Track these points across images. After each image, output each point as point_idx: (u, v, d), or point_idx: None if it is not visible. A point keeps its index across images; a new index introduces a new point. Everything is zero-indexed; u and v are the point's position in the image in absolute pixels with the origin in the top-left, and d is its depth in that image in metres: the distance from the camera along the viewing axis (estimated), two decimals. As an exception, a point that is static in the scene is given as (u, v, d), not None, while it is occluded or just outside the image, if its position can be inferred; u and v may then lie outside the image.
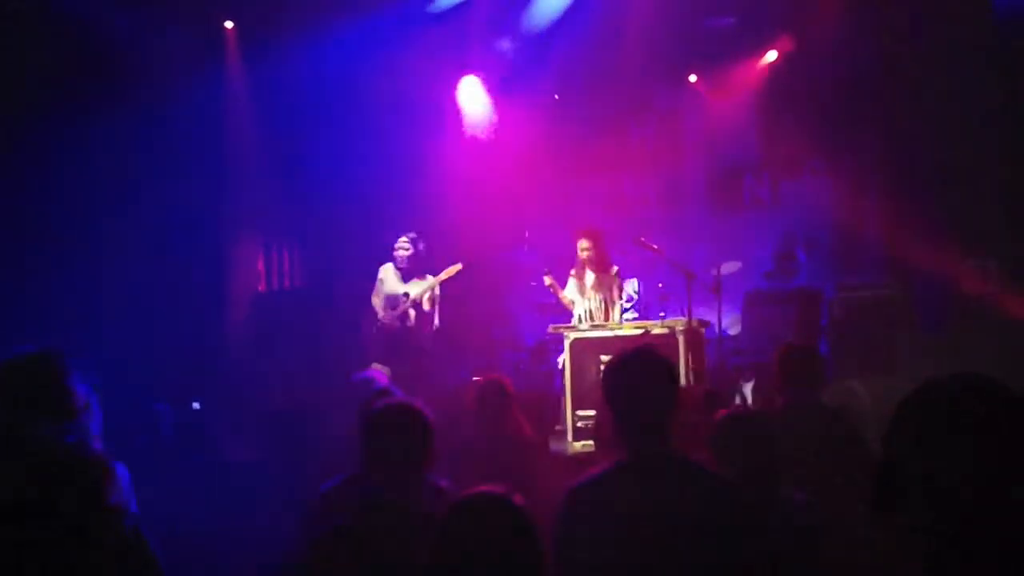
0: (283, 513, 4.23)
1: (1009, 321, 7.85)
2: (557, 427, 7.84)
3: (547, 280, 8.34)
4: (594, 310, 8.15)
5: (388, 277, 8.58)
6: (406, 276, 8.51)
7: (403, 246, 8.51)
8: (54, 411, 2.51)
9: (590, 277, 8.22)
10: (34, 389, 2.56)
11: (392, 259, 8.59)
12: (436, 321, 8.59)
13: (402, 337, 8.43)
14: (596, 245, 8.21)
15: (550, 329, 8.14)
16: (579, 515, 2.76)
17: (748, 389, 8.51)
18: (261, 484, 4.95)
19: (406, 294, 8.39)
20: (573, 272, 8.38)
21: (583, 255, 8.23)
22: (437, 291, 8.52)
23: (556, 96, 10.92)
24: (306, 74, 9.20)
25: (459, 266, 8.43)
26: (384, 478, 3.07)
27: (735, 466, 3.27)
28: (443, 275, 8.41)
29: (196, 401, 6.30)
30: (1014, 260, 8.48)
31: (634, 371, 2.86)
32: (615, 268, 8.25)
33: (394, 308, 8.42)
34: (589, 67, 10.44)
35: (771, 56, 10.49)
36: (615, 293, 8.19)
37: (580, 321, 8.15)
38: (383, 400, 3.48)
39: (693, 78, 10.89)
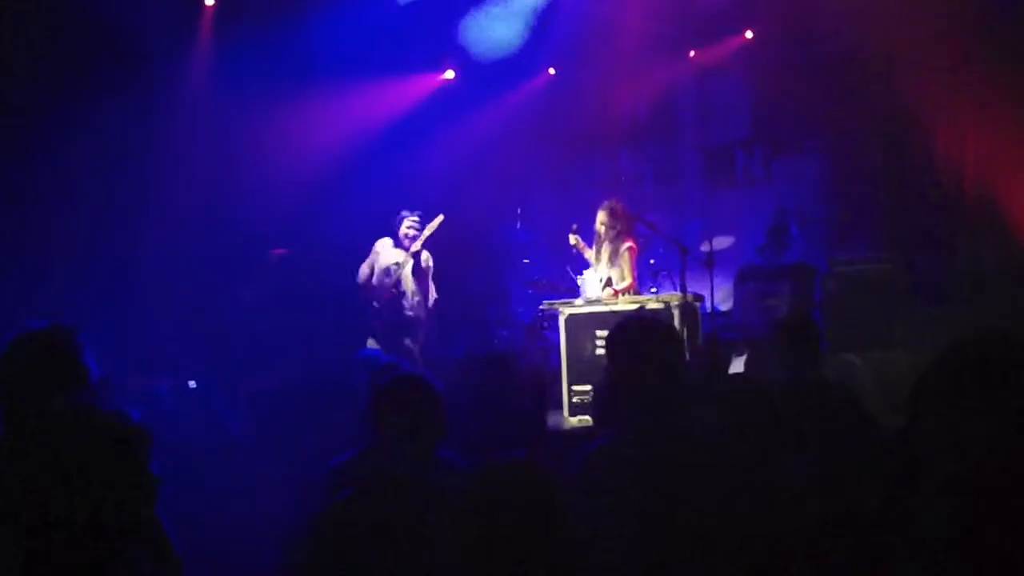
0: (289, 490, 4.23)
1: (1006, 294, 7.88)
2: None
3: (573, 239, 8.34)
4: (600, 280, 8.09)
5: (384, 250, 8.55)
6: (405, 249, 8.50)
7: (413, 225, 8.48)
8: (69, 385, 2.50)
9: (605, 250, 8.17)
10: (48, 364, 2.54)
11: (391, 234, 8.56)
12: (433, 292, 8.57)
13: (399, 309, 8.43)
14: (611, 219, 8.14)
15: (544, 305, 8.15)
16: (592, 481, 2.77)
17: (740, 364, 8.53)
18: (264, 462, 4.94)
19: (397, 263, 8.40)
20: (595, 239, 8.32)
21: (599, 228, 8.16)
22: (430, 260, 8.48)
23: (552, 71, 10.89)
24: (291, 49, 9.13)
25: (441, 217, 8.35)
26: (396, 451, 3.07)
27: (736, 436, 3.28)
28: (427, 230, 8.36)
29: (192, 380, 6.28)
30: (1013, 234, 8.51)
31: (638, 340, 2.87)
32: (627, 244, 8.12)
33: (388, 278, 8.43)
34: (584, 44, 10.40)
35: (762, 32, 10.48)
36: (623, 270, 8.11)
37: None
38: (394, 373, 3.47)
39: (692, 53, 10.87)
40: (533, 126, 10.81)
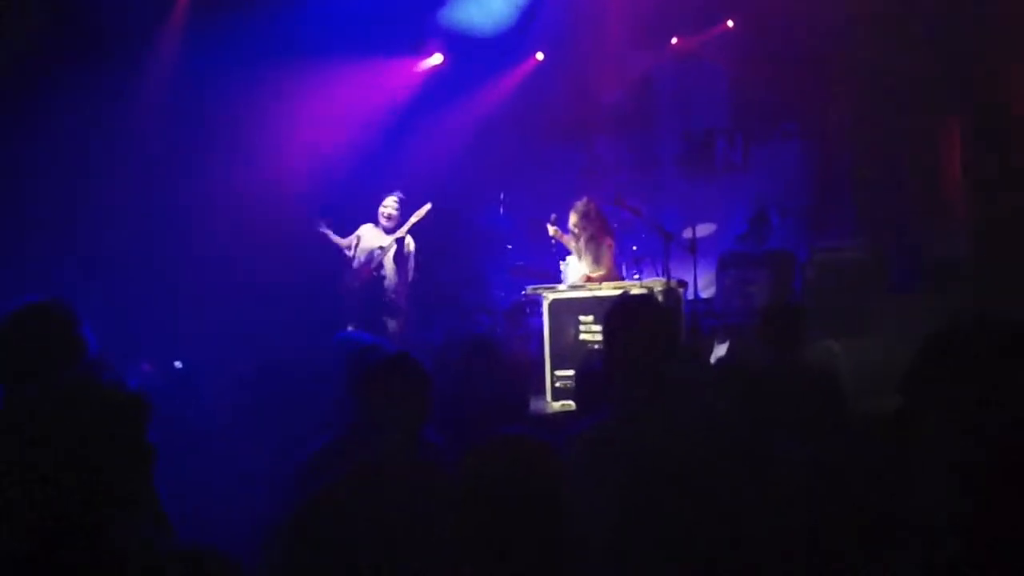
0: (270, 473, 4.19)
1: (980, 281, 7.95)
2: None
3: (552, 230, 8.30)
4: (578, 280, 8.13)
5: (366, 234, 8.69)
6: (388, 233, 8.63)
7: (391, 205, 8.65)
8: (68, 359, 2.49)
9: (581, 248, 8.13)
10: (45, 338, 2.54)
11: (374, 219, 8.66)
12: (411, 273, 8.69)
13: (378, 292, 8.54)
14: (585, 220, 8.08)
15: (528, 290, 8.13)
16: (577, 464, 2.77)
17: (722, 350, 8.57)
18: (245, 444, 4.91)
19: (381, 247, 8.53)
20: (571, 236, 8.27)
21: (573, 229, 8.11)
22: (412, 245, 8.62)
23: (540, 56, 10.89)
24: (270, 33, 9.06)
25: (428, 206, 8.51)
26: (383, 433, 3.04)
27: (730, 416, 3.30)
28: (414, 217, 8.51)
29: (178, 360, 6.25)
30: (986, 221, 8.57)
31: (636, 317, 2.87)
32: (606, 243, 8.10)
33: (370, 263, 8.47)
34: (564, 31, 10.39)
35: (742, 21, 10.50)
36: (603, 268, 8.13)
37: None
38: (378, 354, 3.44)
39: (674, 41, 10.88)
40: (514, 112, 10.79)
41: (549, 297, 7.79)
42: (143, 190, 8.30)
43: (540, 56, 11.04)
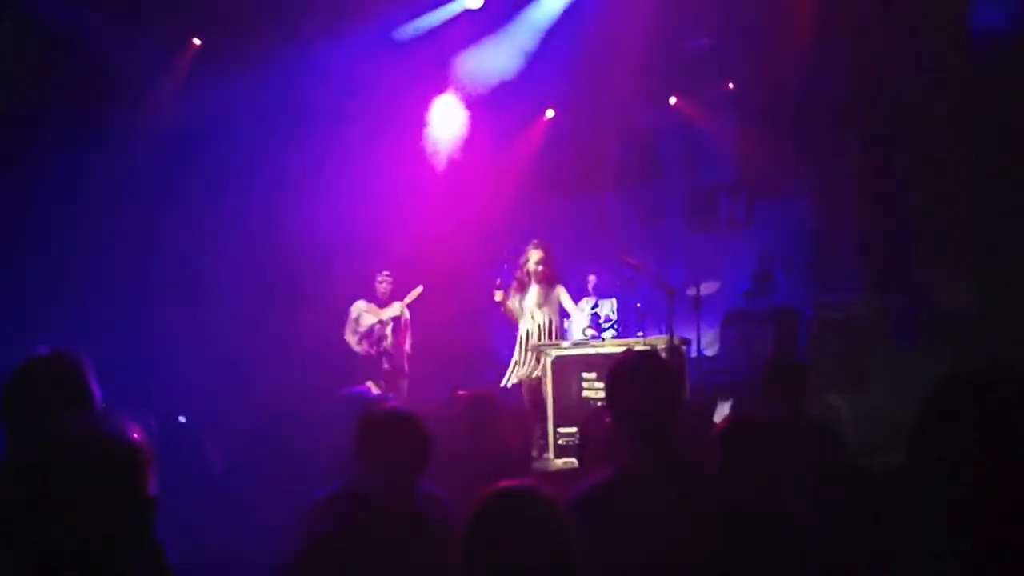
0: (274, 525, 4.19)
1: (982, 336, 7.95)
2: (540, 441, 7.83)
3: (498, 296, 8.20)
4: (540, 327, 8.14)
5: (362, 313, 9.18)
6: (381, 305, 9.16)
7: (385, 279, 9.17)
8: (75, 409, 2.49)
9: (533, 292, 8.18)
10: (54, 389, 2.54)
11: (365, 295, 9.20)
12: (408, 345, 9.21)
13: (379, 362, 9.04)
14: (548, 259, 8.17)
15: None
16: (584, 521, 2.75)
17: (726, 408, 8.54)
18: (250, 497, 4.89)
19: (380, 322, 9.05)
20: (514, 285, 8.27)
21: (535, 268, 8.14)
22: (407, 315, 9.14)
23: (551, 113, 11.03)
24: (274, 95, 9.17)
25: (420, 288, 9.07)
26: (381, 483, 3.06)
27: (739, 473, 3.29)
28: (408, 298, 9.07)
29: (182, 415, 6.24)
30: (989, 278, 8.58)
31: (640, 373, 2.87)
32: (559, 287, 8.21)
33: (370, 339, 9.01)
34: (570, 87, 10.51)
35: (743, 82, 10.63)
36: (558, 310, 8.19)
37: (526, 339, 8.16)
38: (382, 406, 3.47)
39: (673, 100, 11.00)
40: (524, 167, 10.90)
41: (552, 354, 7.79)
42: (146, 240, 8.37)
43: (551, 113, 11.17)
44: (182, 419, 6.17)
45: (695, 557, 2.62)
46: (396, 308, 9.08)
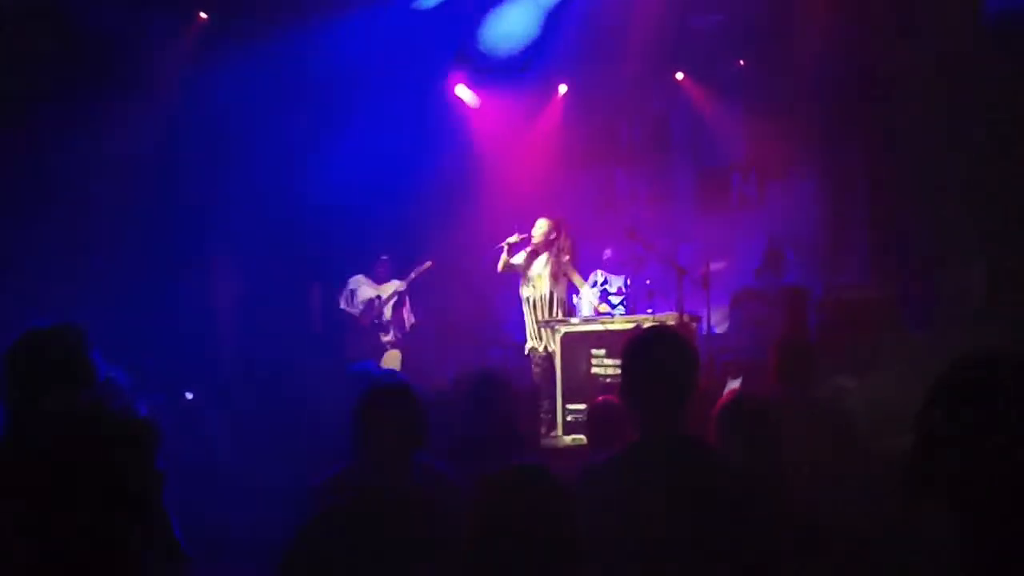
0: (279, 504, 4.19)
1: (992, 320, 7.91)
2: (548, 417, 7.81)
3: (509, 240, 8.29)
4: (542, 297, 8.13)
5: (361, 286, 9.42)
6: (379, 280, 9.46)
7: (384, 263, 9.58)
8: (75, 384, 2.48)
9: (540, 262, 8.17)
10: (55, 361, 2.53)
11: (366, 270, 9.48)
12: (411, 318, 9.42)
13: (376, 335, 9.26)
14: (557, 231, 8.22)
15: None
16: (590, 498, 2.75)
17: (735, 386, 8.52)
18: (255, 475, 4.92)
19: (379, 296, 9.26)
20: (528, 250, 8.32)
21: (541, 238, 8.22)
22: (405, 290, 9.43)
23: (564, 88, 10.96)
24: (284, 69, 9.13)
25: (429, 263, 9.32)
26: (377, 461, 3.05)
27: (740, 451, 3.29)
28: (415, 273, 9.33)
29: (189, 392, 6.26)
30: (998, 262, 8.53)
31: (660, 348, 2.85)
32: (566, 258, 8.24)
33: (369, 313, 9.21)
34: (580, 65, 10.45)
35: (754, 59, 10.55)
36: (566, 285, 8.19)
37: (532, 308, 8.20)
38: (374, 385, 3.46)
39: (680, 75, 10.93)
40: (535, 143, 10.87)
41: (561, 331, 7.78)
42: (154, 219, 8.36)
43: (563, 89, 11.11)
44: (189, 396, 6.20)
45: (700, 534, 2.61)
46: (396, 284, 9.31)
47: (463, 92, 10.86)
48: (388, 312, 9.28)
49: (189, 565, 2.52)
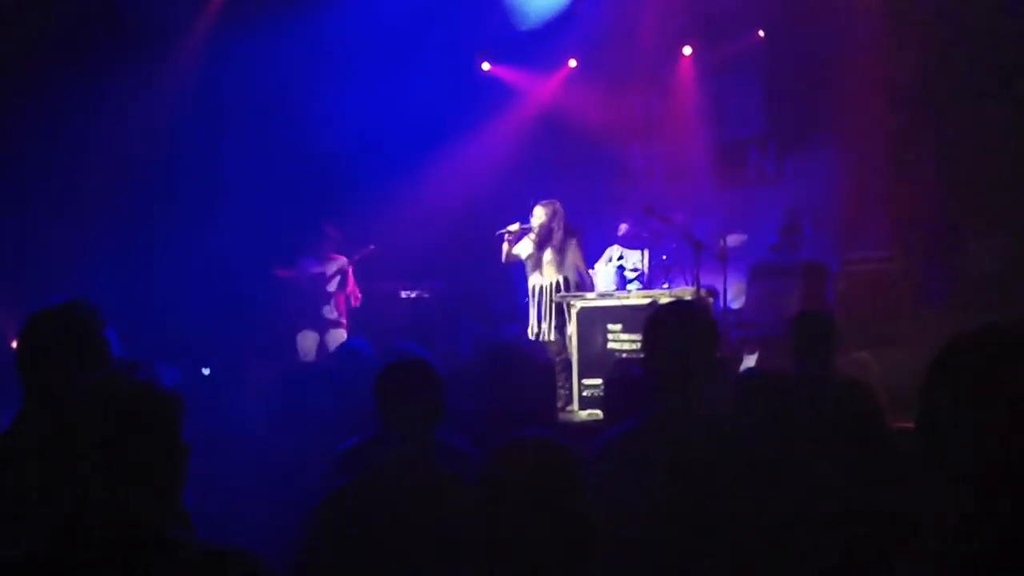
0: (296, 478, 4.20)
1: (1014, 294, 7.84)
2: (564, 392, 7.80)
3: (511, 227, 8.18)
4: (550, 285, 8.08)
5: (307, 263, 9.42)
6: (327, 258, 9.44)
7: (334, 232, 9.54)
8: (89, 361, 2.48)
9: (548, 250, 8.11)
10: (69, 339, 2.52)
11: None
12: (351, 299, 9.46)
13: (321, 311, 9.35)
14: (554, 217, 8.05)
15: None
16: (606, 472, 2.74)
17: (752, 361, 8.48)
18: (273, 448, 4.92)
19: (323, 272, 9.31)
20: (533, 238, 8.19)
21: (538, 227, 8.07)
22: (349, 269, 9.41)
23: (573, 63, 10.90)
24: (303, 42, 9.11)
25: (371, 247, 9.36)
26: (398, 435, 3.06)
27: (756, 424, 3.27)
28: (356, 255, 9.39)
29: (206, 367, 6.28)
30: (1020, 235, 8.45)
31: (683, 320, 2.84)
32: (572, 242, 8.12)
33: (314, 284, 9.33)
34: (596, 39, 10.38)
35: (773, 30, 10.45)
36: (575, 269, 8.11)
37: (538, 296, 8.09)
38: (394, 358, 3.47)
39: (688, 50, 10.85)
40: (548, 118, 10.81)
41: (577, 305, 7.76)
42: (167, 192, 8.38)
43: (573, 63, 11.04)
44: (206, 371, 6.21)
45: (712, 507, 2.60)
46: (341, 262, 9.34)
47: (478, 63, 10.81)
48: (333, 288, 9.34)
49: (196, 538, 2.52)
